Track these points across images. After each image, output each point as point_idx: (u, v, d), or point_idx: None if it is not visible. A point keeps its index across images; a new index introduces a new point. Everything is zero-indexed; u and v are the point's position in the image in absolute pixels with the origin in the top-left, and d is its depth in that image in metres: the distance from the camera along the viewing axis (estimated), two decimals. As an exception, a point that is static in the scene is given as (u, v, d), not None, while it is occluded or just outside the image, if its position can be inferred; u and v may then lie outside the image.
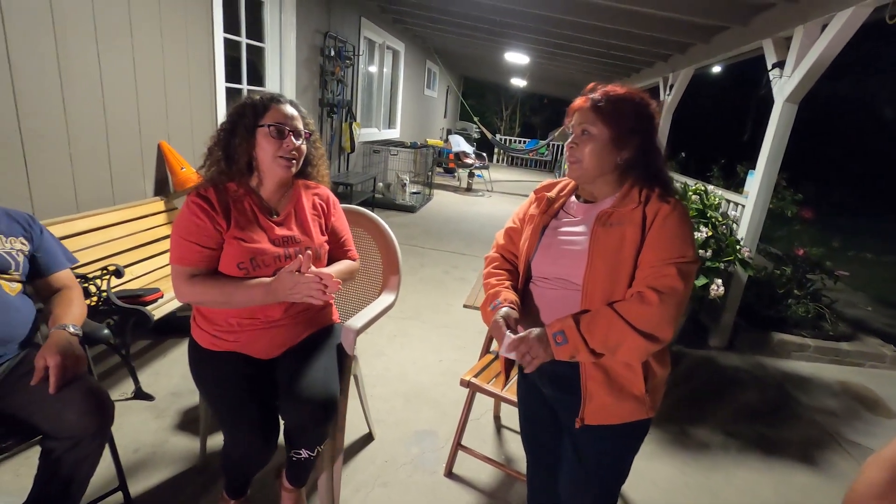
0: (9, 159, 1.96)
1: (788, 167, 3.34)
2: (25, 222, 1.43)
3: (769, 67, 3.16)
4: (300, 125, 1.34)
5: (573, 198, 1.17)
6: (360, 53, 5.85)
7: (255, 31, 3.95)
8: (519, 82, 12.19)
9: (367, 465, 1.89)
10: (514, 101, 17.96)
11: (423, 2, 5.25)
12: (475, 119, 11.53)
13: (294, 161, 1.33)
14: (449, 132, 12.83)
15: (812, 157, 10.33)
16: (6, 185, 1.90)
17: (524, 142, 14.95)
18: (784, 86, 2.99)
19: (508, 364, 1.19)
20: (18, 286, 1.36)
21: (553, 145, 14.07)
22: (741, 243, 2.83)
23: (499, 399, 1.76)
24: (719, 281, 2.42)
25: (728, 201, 3.45)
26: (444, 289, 3.88)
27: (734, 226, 3.15)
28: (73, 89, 2.19)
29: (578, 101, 1.10)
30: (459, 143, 9.71)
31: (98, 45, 2.28)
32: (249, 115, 1.30)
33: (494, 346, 2.10)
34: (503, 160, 15.00)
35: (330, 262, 1.50)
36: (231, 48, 3.44)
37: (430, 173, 7.87)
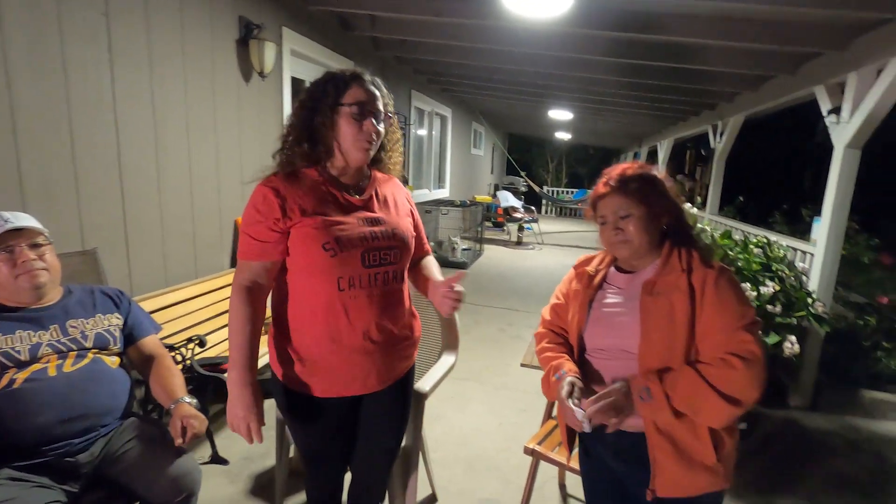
0: (115, 245, 2.24)
1: (867, 207, 3.17)
2: (116, 297, 1.61)
3: (824, 114, 3.10)
4: (381, 106, 1.23)
5: (612, 269, 1.22)
6: (412, 122, 6.24)
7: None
8: (564, 136, 12.42)
9: (431, 535, 1.88)
10: (560, 153, 18.17)
11: (469, 72, 5.60)
12: (522, 173, 11.75)
13: (372, 144, 1.22)
14: (497, 187, 13.11)
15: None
16: (112, 268, 2.16)
17: (572, 192, 14.98)
18: (842, 132, 2.91)
19: (570, 434, 1.21)
20: (118, 359, 1.52)
21: (602, 194, 13.97)
22: (814, 296, 2.67)
23: (564, 468, 1.72)
24: (793, 338, 2.28)
25: (795, 250, 3.30)
26: (500, 348, 3.87)
27: (804, 277, 2.99)
28: (167, 180, 2.50)
29: (600, 190, 1.17)
30: (508, 199, 9.89)
31: (189, 142, 2.62)
32: (332, 92, 1.19)
33: (556, 411, 2.08)
34: (552, 211, 15.04)
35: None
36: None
37: (479, 229, 8.02)
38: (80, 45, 2.00)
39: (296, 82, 3.68)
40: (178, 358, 2.20)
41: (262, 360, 2.42)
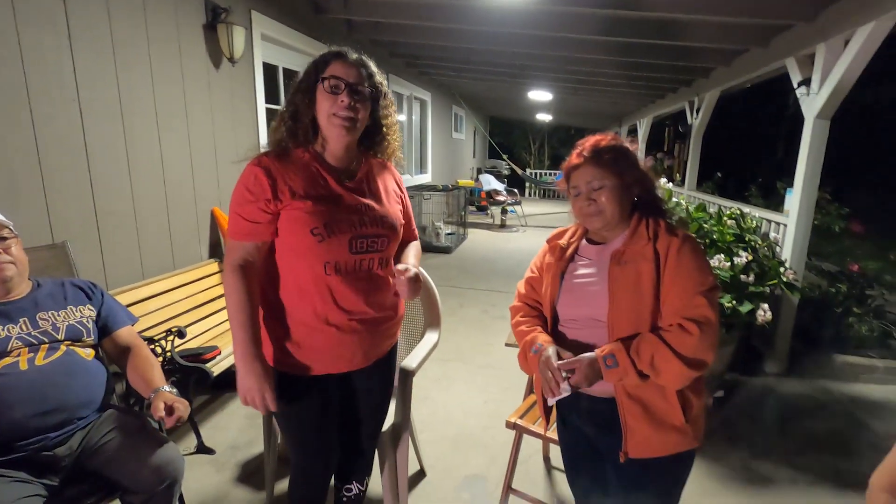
0: (87, 238, 2.20)
1: (838, 178, 3.25)
2: (88, 289, 1.59)
3: (795, 86, 3.14)
4: (364, 84, 1.19)
5: (584, 241, 1.24)
6: (390, 107, 6.16)
7: (293, 98, 4.29)
8: (545, 117, 12.40)
9: (419, 511, 1.91)
10: (542, 135, 18.18)
11: (446, 54, 5.54)
12: (504, 156, 11.74)
13: (350, 122, 1.18)
14: (479, 171, 13.09)
15: (869, 165, 9.78)
16: (85, 262, 2.12)
17: (554, 174, 15.02)
18: (812, 103, 2.96)
19: (547, 407, 1.24)
20: (92, 351, 1.50)
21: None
22: (785, 265, 2.74)
23: (546, 440, 1.76)
24: (766, 306, 2.34)
25: (769, 221, 3.37)
26: (484, 328, 3.91)
27: (776, 247, 3.06)
28: (138, 171, 2.44)
29: (574, 161, 1.18)
30: (490, 182, 9.87)
31: (159, 130, 2.56)
32: (312, 70, 1.19)
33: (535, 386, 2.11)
34: (535, 193, 15.09)
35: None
36: (271, 115, 3.74)
37: (463, 213, 8.02)
38: (36, 31, 1.93)
39: (269, 68, 3.61)
40: (158, 350, 2.18)
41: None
